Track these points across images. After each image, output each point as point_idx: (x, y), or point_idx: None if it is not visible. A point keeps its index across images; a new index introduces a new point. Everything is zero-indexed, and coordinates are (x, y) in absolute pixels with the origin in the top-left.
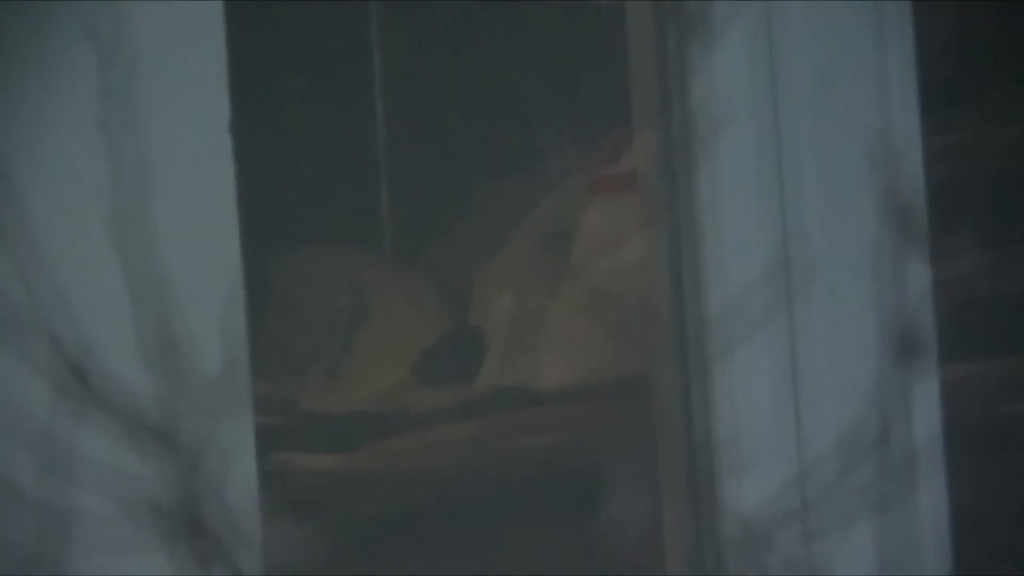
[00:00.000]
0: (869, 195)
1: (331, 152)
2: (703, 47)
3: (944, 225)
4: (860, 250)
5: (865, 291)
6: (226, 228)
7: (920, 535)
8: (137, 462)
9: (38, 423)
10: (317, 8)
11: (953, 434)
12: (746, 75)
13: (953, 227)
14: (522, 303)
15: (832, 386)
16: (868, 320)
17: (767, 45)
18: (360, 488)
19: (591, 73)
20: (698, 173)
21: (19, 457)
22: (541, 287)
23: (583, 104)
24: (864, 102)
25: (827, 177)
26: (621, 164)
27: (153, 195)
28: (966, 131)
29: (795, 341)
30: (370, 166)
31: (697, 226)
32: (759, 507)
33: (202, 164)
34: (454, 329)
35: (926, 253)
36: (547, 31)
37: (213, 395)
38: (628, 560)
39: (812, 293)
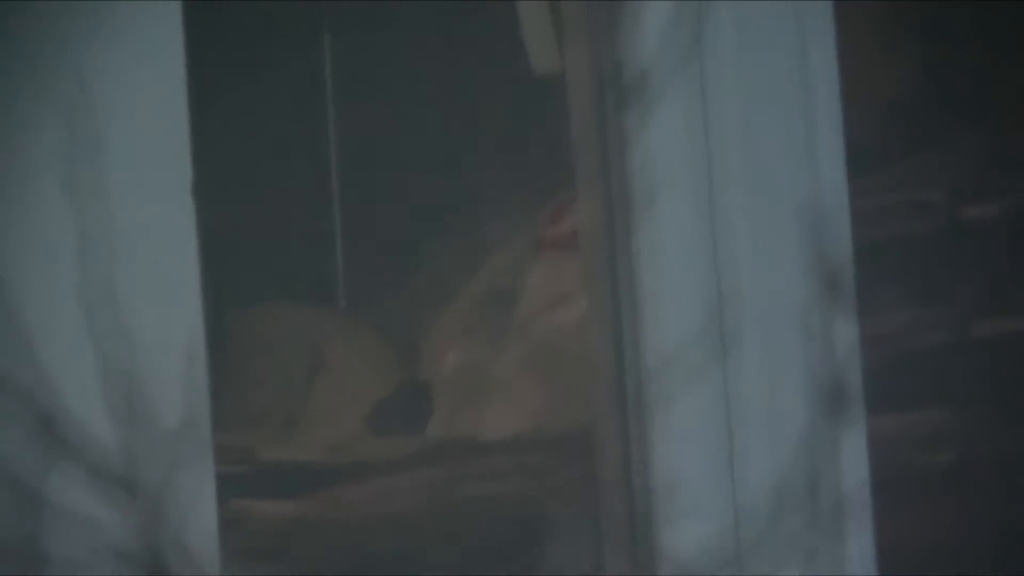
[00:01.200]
0: (799, 255)
1: (289, 215)
2: (640, 116)
3: (870, 284)
4: (790, 307)
5: (795, 346)
6: (188, 287)
7: None
8: (102, 509)
9: (7, 472)
10: (276, 80)
11: (880, 483)
12: (681, 142)
13: (879, 286)
14: (469, 358)
15: (764, 437)
16: (798, 374)
17: (701, 113)
18: (316, 534)
19: (535, 139)
20: (637, 234)
21: None
22: (487, 343)
23: (527, 168)
24: (793, 167)
25: (759, 238)
26: (564, 225)
27: (118, 255)
28: (890, 194)
29: (729, 394)
30: (325, 229)
31: (636, 284)
32: (696, 553)
33: (165, 226)
34: (404, 382)
35: (853, 310)
36: (494, 100)
37: (175, 445)
38: None
39: (745, 348)
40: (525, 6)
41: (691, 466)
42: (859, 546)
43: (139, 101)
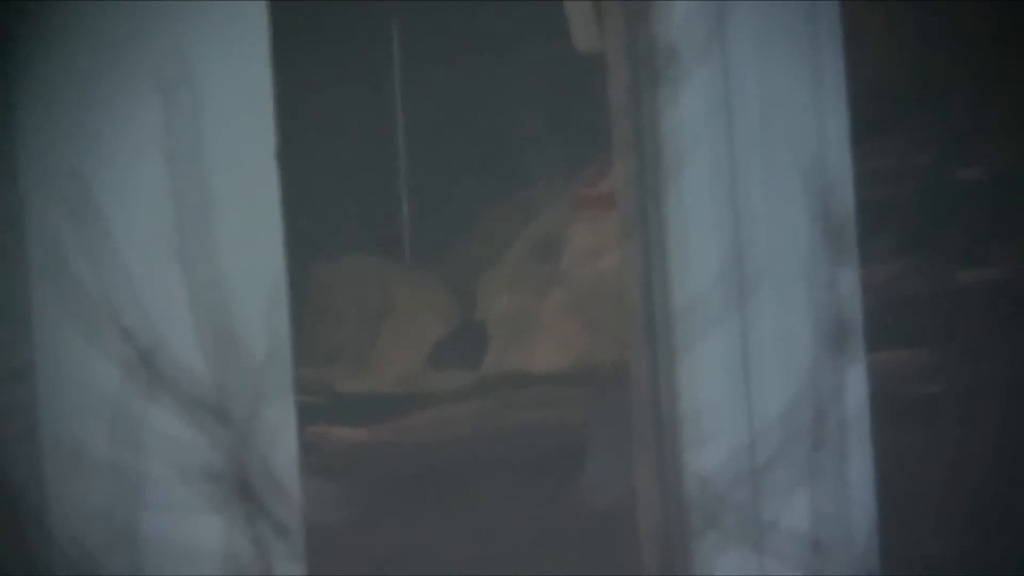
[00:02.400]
0: (807, 212)
1: (361, 177)
2: (670, 90)
3: (870, 236)
4: (799, 258)
5: (804, 292)
6: (272, 239)
7: (849, 495)
8: (195, 435)
9: (112, 402)
10: (350, 58)
11: (878, 411)
12: (705, 113)
13: (878, 238)
14: (519, 302)
15: (776, 371)
16: (806, 316)
17: (723, 88)
18: (384, 456)
19: (577, 111)
20: (666, 194)
21: (96, 430)
22: (535, 289)
23: (570, 136)
24: (803, 134)
25: (772, 197)
26: (602, 186)
27: (211, 211)
28: (889, 158)
29: (746, 334)
30: (392, 190)
31: (665, 238)
32: (716, 471)
33: (252, 185)
34: (462, 324)
35: (855, 260)
36: (541, 76)
37: (261, 378)
38: (606, 514)
39: (759, 294)
40: None
41: (712, 396)
42: (859, 464)
43: (230, 77)
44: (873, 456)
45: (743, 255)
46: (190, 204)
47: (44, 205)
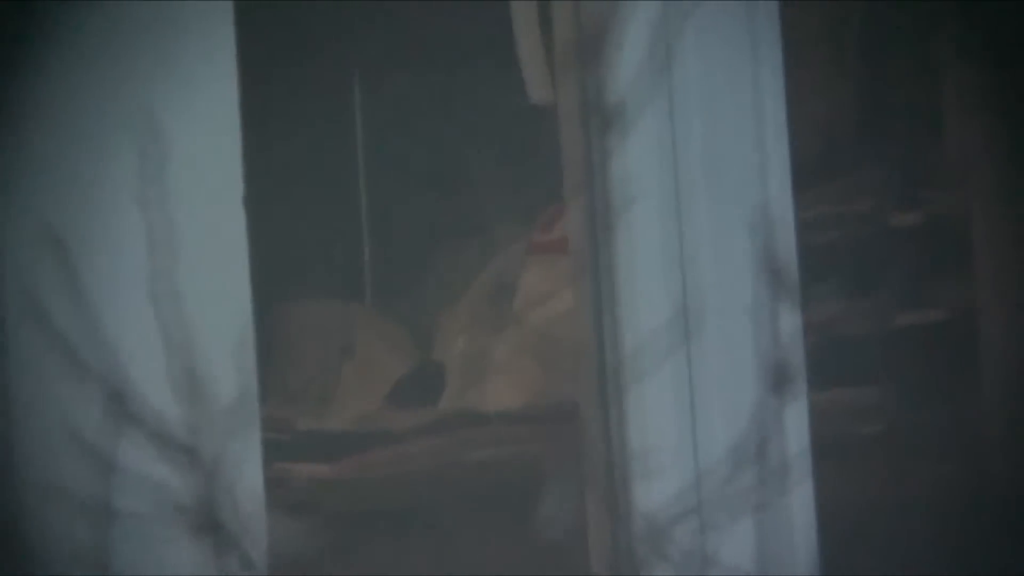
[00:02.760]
0: (751, 256)
1: (324, 224)
2: (619, 139)
3: (812, 280)
4: (743, 300)
5: (747, 333)
6: (239, 283)
7: (792, 529)
8: (165, 471)
9: (86, 439)
10: (313, 116)
11: (819, 449)
12: (653, 160)
13: (819, 281)
14: (475, 343)
15: (721, 409)
16: (750, 356)
17: (669, 137)
18: (346, 491)
19: (530, 159)
20: (615, 239)
21: (70, 466)
22: (490, 330)
23: (524, 183)
24: (746, 182)
25: (717, 241)
26: (555, 232)
27: (181, 256)
28: (829, 204)
29: (692, 373)
30: (354, 235)
31: (615, 281)
32: (663, 506)
33: (220, 231)
34: (421, 364)
35: (797, 302)
36: (497, 126)
37: (227, 417)
38: (558, 548)
39: (705, 335)
40: (524, 45)
41: (660, 433)
42: (801, 500)
43: (198, 128)
44: (815, 493)
45: (689, 297)
46: (160, 250)
47: (19, 251)
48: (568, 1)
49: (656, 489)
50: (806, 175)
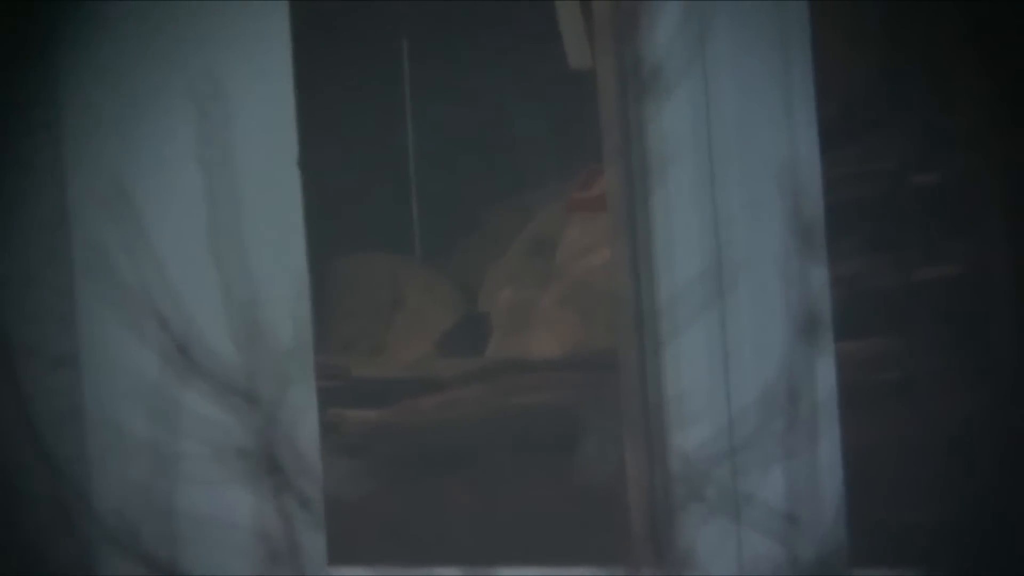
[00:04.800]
0: (780, 213)
1: (375, 182)
2: (655, 102)
3: (838, 236)
4: (773, 255)
5: (777, 286)
6: (295, 238)
7: (820, 472)
8: (227, 416)
9: (151, 386)
10: (364, 79)
11: (845, 395)
12: (687, 124)
13: (845, 237)
14: (519, 295)
15: (753, 359)
16: (780, 308)
17: (703, 101)
18: (397, 435)
19: (570, 122)
20: (651, 197)
21: (136, 412)
22: (533, 283)
23: (565, 145)
24: (776, 143)
25: (748, 200)
26: (593, 190)
27: (241, 213)
28: (854, 164)
29: (725, 324)
30: (404, 193)
31: (651, 237)
32: (698, 450)
33: (277, 189)
34: (467, 315)
35: (824, 257)
36: (539, 90)
37: (285, 364)
38: (598, 489)
39: (737, 288)
40: (563, 15)
41: (694, 381)
42: (828, 444)
43: (256, 92)
44: (841, 436)
45: (722, 253)
46: (221, 207)
47: (89, 208)
48: None
49: (691, 434)
50: (832, 137)
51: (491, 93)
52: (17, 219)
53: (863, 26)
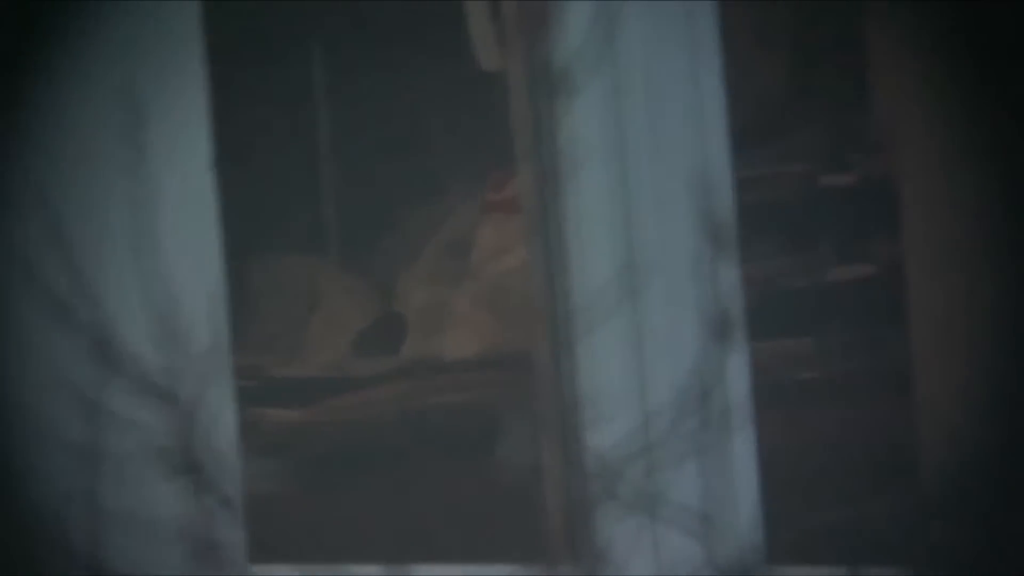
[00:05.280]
0: (692, 214)
1: (290, 184)
2: (566, 104)
3: (750, 237)
4: (685, 256)
5: (690, 287)
6: (211, 239)
7: (733, 471)
8: (148, 416)
9: (75, 386)
10: (278, 84)
11: (759, 395)
12: (598, 124)
13: (757, 238)
14: (434, 295)
15: (666, 358)
16: (692, 308)
17: (614, 101)
18: (315, 434)
19: (484, 123)
20: (564, 198)
21: (61, 411)
22: (448, 283)
23: (477, 147)
24: (687, 144)
25: (660, 201)
26: (507, 191)
27: (158, 216)
28: (766, 165)
29: (638, 324)
30: (319, 195)
31: (564, 237)
32: (613, 448)
33: (193, 193)
34: (383, 315)
35: (736, 258)
36: (450, 91)
37: (202, 364)
38: (514, 488)
39: (650, 288)
40: (474, 17)
41: (609, 380)
42: (742, 444)
43: (170, 95)
44: (755, 436)
45: (635, 253)
46: (140, 210)
47: (7, 210)
48: None
49: (606, 432)
50: (743, 138)
51: (404, 95)
52: None
53: (773, 28)
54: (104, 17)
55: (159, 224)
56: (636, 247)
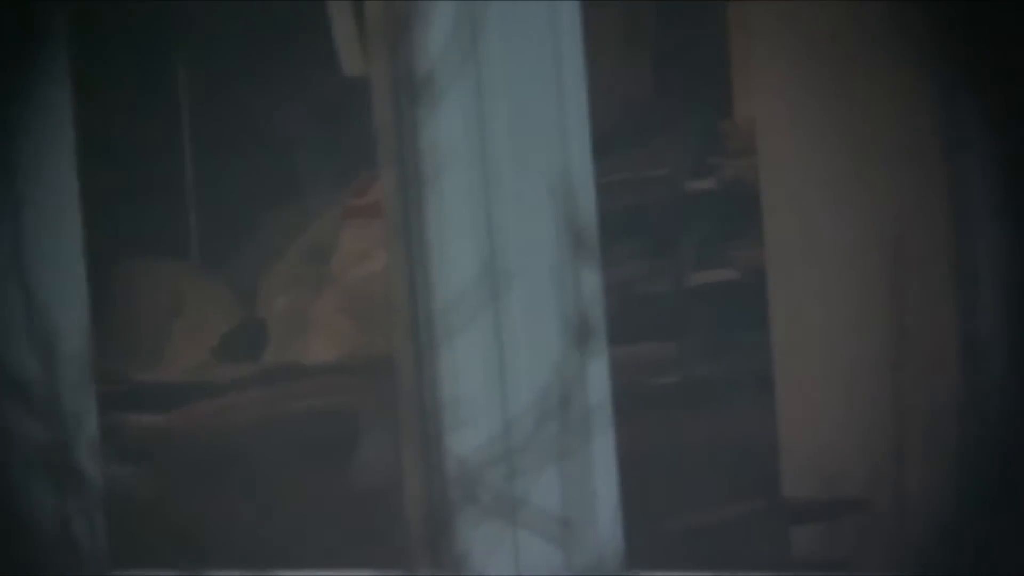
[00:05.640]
0: (553, 219)
1: (153, 189)
2: (428, 108)
3: (613, 242)
4: (547, 261)
5: (551, 291)
6: (73, 244)
7: (594, 475)
8: (11, 420)
9: None
10: (142, 90)
11: (620, 399)
12: (461, 129)
13: (619, 243)
14: (295, 300)
15: (527, 362)
16: (553, 313)
17: (476, 106)
18: (177, 439)
19: (347, 128)
20: (426, 203)
21: None
22: (310, 289)
23: (340, 152)
24: (549, 149)
25: (522, 206)
26: (369, 197)
27: (20, 220)
28: (629, 170)
29: (500, 329)
30: (181, 201)
31: (426, 243)
32: (474, 453)
33: (57, 198)
34: (245, 320)
35: (597, 263)
36: (314, 96)
37: (65, 369)
38: (376, 492)
39: (512, 293)
40: (337, 22)
41: (470, 385)
42: (602, 448)
43: (34, 100)
44: (616, 440)
45: (496, 258)
46: (3, 216)
47: None
48: None
49: (467, 437)
50: (605, 144)
51: (267, 100)
52: None
53: (637, 31)
54: None
55: (21, 227)
56: (498, 252)
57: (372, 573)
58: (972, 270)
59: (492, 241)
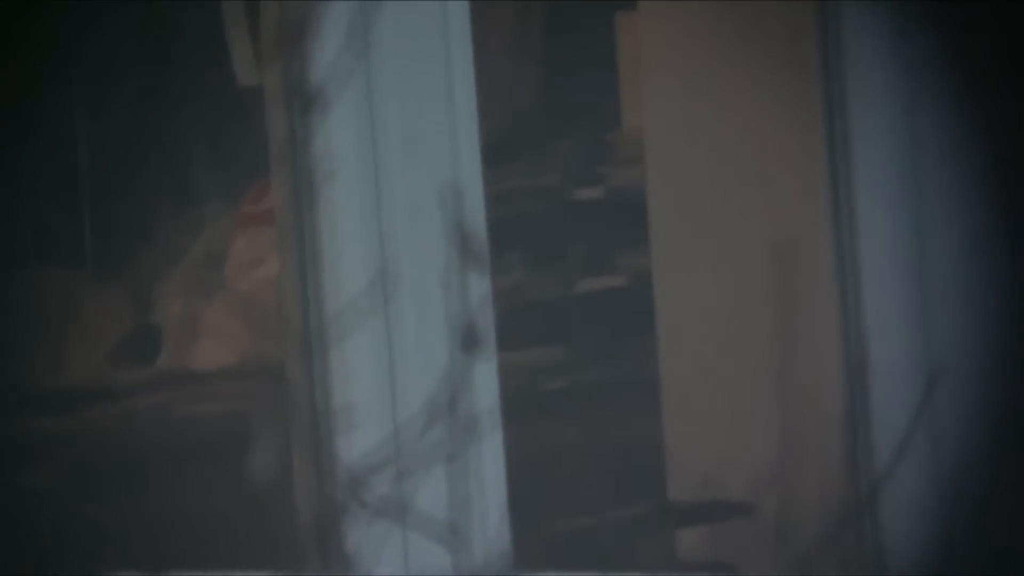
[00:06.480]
0: (443, 227)
1: (47, 196)
2: (320, 117)
3: (501, 249)
4: (436, 267)
5: (440, 297)
6: None
7: (482, 477)
8: None
9: None
10: (36, 99)
11: (507, 403)
12: (352, 137)
13: (508, 250)
14: (189, 307)
15: (416, 367)
16: (442, 319)
17: (368, 116)
18: (72, 443)
19: (238, 136)
20: (318, 211)
21: None
22: (203, 295)
23: (233, 160)
24: (439, 158)
25: (412, 214)
26: (263, 204)
27: None
28: (518, 179)
29: (390, 334)
30: (76, 209)
31: (318, 250)
32: (363, 457)
33: None
34: (139, 326)
35: (486, 269)
36: (207, 105)
37: None
38: (267, 496)
39: (402, 299)
40: (232, 35)
41: (360, 390)
42: (491, 451)
43: None
44: (504, 444)
45: (387, 264)
46: None
47: None
48: None
49: (357, 441)
50: (495, 152)
51: (162, 109)
52: None
53: (525, 42)
54: None
55: None
56: (388, 258)
57: (263, 574)
58: (857, 277)
59: (382, 247)
